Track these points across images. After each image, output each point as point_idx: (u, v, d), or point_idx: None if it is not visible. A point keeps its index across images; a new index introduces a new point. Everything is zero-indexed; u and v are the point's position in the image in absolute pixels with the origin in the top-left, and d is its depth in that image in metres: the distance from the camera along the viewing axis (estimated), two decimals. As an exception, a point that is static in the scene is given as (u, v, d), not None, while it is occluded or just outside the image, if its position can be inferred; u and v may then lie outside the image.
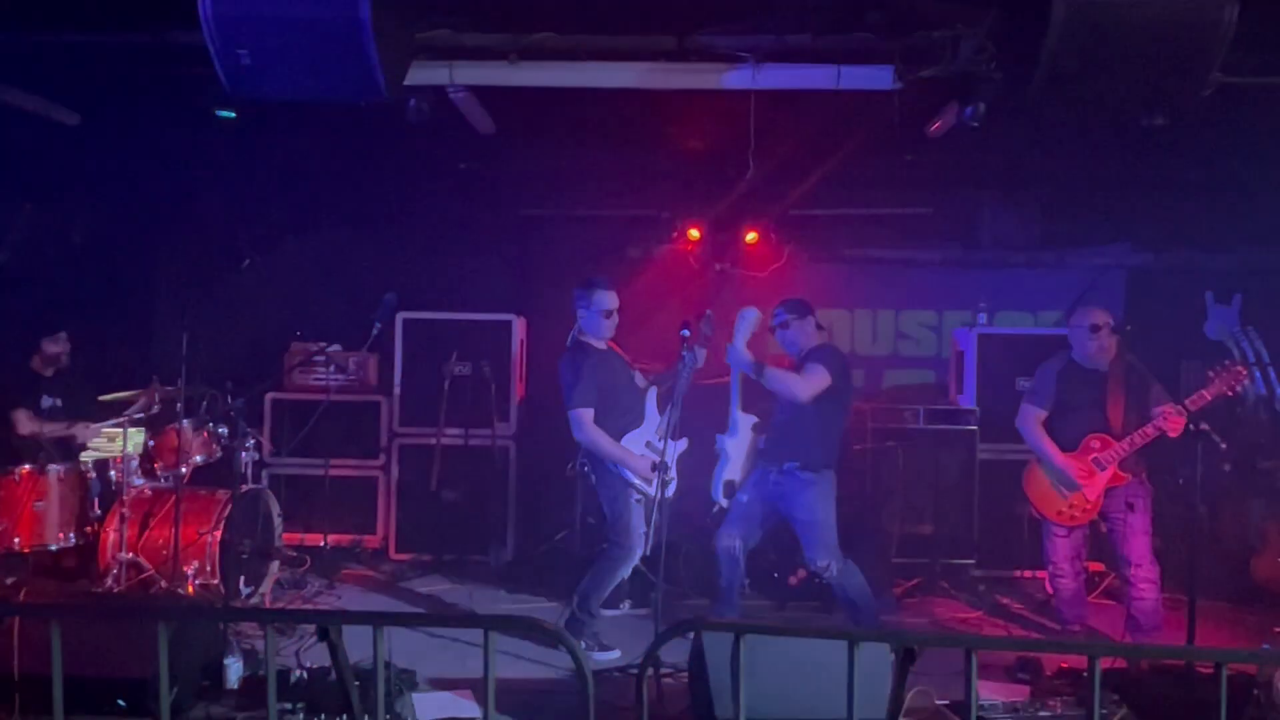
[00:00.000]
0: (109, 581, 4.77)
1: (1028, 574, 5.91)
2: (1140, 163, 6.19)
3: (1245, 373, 4.35)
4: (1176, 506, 5.24)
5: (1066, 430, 4.70)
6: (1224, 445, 4.26)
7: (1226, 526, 5.77)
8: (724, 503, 4.68)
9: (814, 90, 4.52)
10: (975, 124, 4.39)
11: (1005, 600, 5.67)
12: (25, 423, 5.21)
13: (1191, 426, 4.20)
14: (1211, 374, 4.35)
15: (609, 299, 4.59)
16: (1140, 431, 4.50)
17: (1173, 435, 4.39)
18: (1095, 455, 4.60)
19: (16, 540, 4.81)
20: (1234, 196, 6.28)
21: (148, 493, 5.08)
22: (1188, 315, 6.30)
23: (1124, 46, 3.46)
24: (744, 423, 4.62)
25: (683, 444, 4.71)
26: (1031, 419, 4.78)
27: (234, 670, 3.87)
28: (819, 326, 4.76)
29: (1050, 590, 4.98)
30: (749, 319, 4.58)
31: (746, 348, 4.52)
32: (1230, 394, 4.34)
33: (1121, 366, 4.66)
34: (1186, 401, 4.32)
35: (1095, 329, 4.64)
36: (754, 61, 4.36)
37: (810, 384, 4.44)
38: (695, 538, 5.36)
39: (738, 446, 4.67)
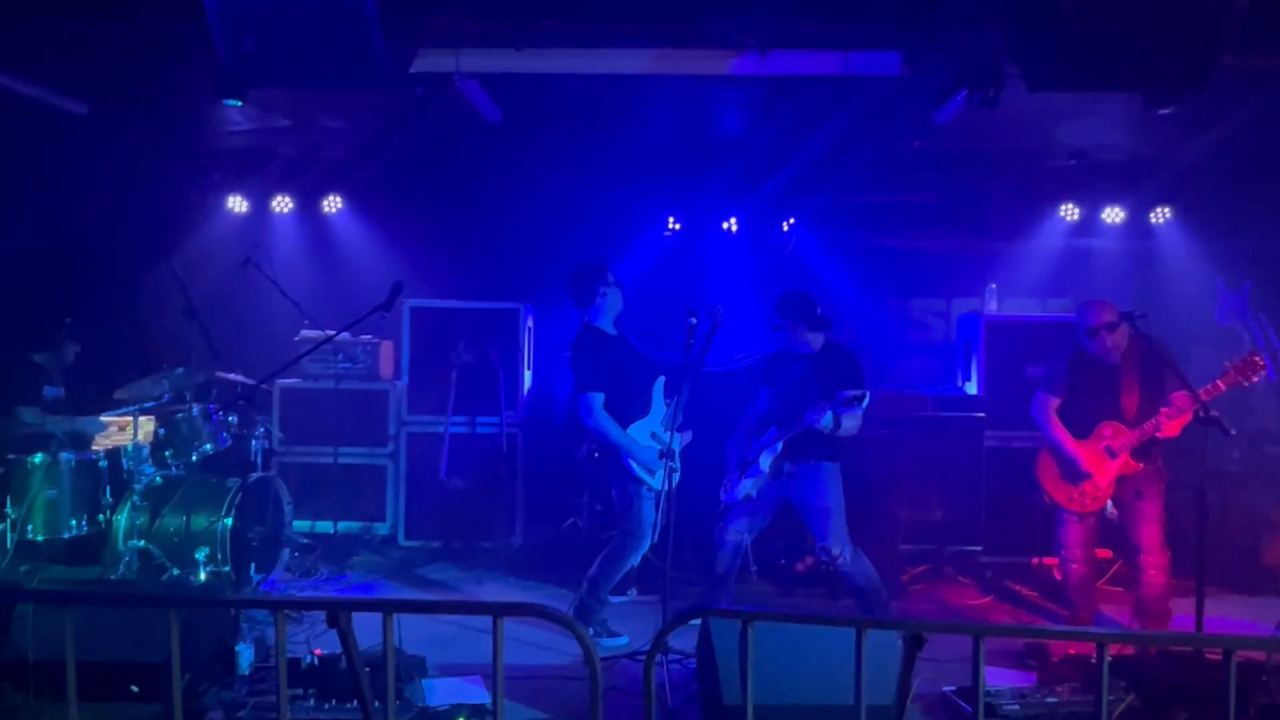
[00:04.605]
0: (121, 569, 4.81)
1: (1035, 560, 5.91)
2: (1150, 147, 6.15)
3: (1262, 364, 4.31)
4: (1185, 493, 5.23)
5: (1079, 417, 4.67)
6: (1233, 432, 4.23)
7: (1235, 513, 5.75)
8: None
9: (821, 76, 4.49)
10: (984, 109, 4.35)
11: (1014, 586, 5.67)
12: (30, 415, 5.23)
13: (1201, 414, 4.18)
14: (1228, 364, 4.32)
15: (612, 273, 4.69)
16: (1153, 420, 4.47)
17: (1167, 433, 4.40)
18: (1107, 443, 4.58)
19: (30, 528, 4.85)
20: (1245, 180, 6.23)
21: (158, 481, 5.12)
22: (1198, 301, 6.27)
23: (1135, 29, 3.43)
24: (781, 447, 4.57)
25: (688, 436, 4.70)
26: (1045, 406, 4.75)
27: (245, 657, 3.90)
28: (821, 323, 4.61)
29: (1059, 576, 4.98)
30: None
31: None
32: (1246, 385, 4.31)
33: (1136, 356, 4.60)
34: (1200, 391, 4.27)
35: (1092, 332, 4.59)
36: (760, 47, 4.33)
37: (861, 418, 4.48)
38: (703, 526, 5.37)
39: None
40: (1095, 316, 4.60)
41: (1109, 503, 4.66)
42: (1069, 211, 6.87)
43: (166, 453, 5.17)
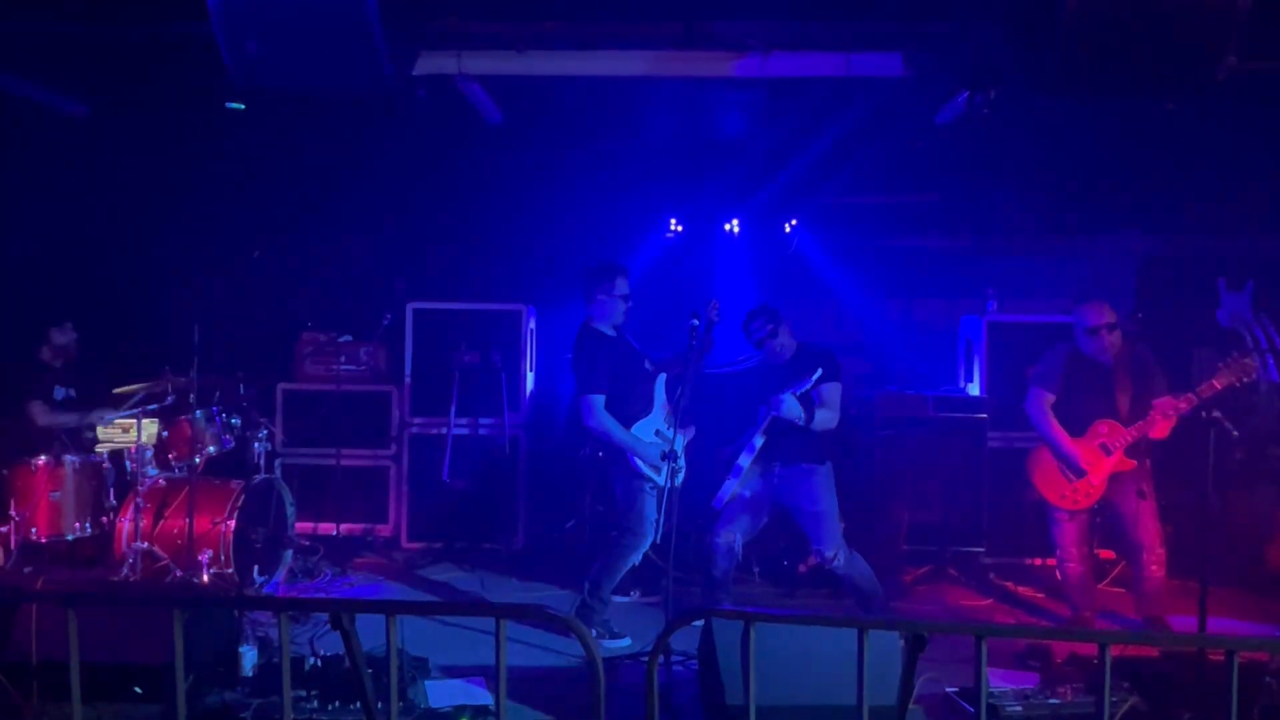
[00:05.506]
0: (124, 570, 4.81)
1: (1037, 561, 5.91)
2: (1152, 149, 6.14)
3: (1254, 365, 4.34)
4: (1189, 494, 5.22)
5: (1075, 415, 4.69)
6: (1236, 433, 4.24)
7: (1238, 514, 5.74)
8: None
9: (823, 77, 4.50)
10: (986, 111, 4.36)
11: (1016, 588, 5.67)
12: (41, 414, 5.26)
13: (1203, 414, 4.19)
14: (1221, 365, 4.34)
15: (625, 284, 4.65)
16: (1147, 419, 4.49)
17: (1157, 434, 4.48)
18: (1103, 440, 4.59)
19: (34, 530, 4.87)
20: (1247, 182, 6.22)
21: (162, 483, 5.13)
22: (1200, 302, 6.26)
23: (1137, 31, 3.43)
24: (760, 444, 4.59)
25: (690, 432, 4.71)
26: (1039, 402, 4.77)
27: (248, 658, 3.90)
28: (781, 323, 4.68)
29: (1059, 576, 4.98)
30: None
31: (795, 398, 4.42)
32: (1238, 385, 4.33)
33: (1128, 357, 4.64)
34: (1196, 390, 4.31)
35: (1092, 331, 4.64)
36: (763, 49, 4.33)
37: (838, 410, 4.52)
38: (705, 526, 5.38)
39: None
40: (1094, 317, 4.64)
41: (1099, 500, 4.67)
42: (1069, 210, 6.86)
43: (170, 454, 5.18)
